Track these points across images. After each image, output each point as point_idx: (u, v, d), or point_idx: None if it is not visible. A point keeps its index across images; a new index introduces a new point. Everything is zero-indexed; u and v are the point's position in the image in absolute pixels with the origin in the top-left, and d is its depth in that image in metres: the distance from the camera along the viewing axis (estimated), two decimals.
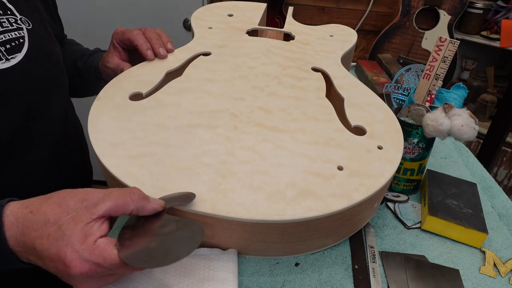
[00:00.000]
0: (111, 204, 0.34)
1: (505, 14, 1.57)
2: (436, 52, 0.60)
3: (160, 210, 0.37)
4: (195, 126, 0.50)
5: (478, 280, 0.48)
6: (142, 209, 0.36)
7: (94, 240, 0.32)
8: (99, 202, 0.34)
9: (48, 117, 0.56)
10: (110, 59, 0.64)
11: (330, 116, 0.54)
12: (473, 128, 0.55)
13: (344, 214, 0.43)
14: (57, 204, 0.34)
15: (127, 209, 0.35)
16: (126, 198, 0.35)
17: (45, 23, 0.59)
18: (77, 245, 0.32)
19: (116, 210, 0.34)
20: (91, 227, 0.33)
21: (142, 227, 0.36)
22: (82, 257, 0.32)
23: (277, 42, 0.72)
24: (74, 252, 0.31)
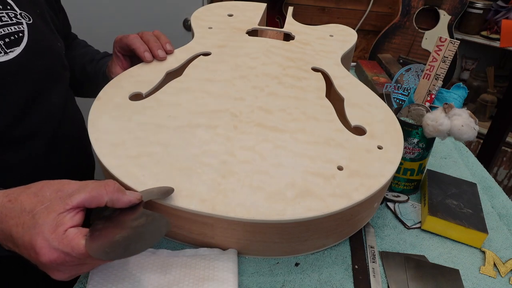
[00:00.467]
0: (85, 195, 0.35)
1: (505, 14, 1.57)
2: (436, 52, 0.60)
3: (136, 203, 0.38)
4: (195, 126, 0.50)
5: (478, 280, 0.48)
6: (117, 201, 0.36)
7: (64, 230, 0.33)
8: (74, 193, 0.35)
9: (45, 110, 0.56)
10: (114, 69, 0.65)
11: (330, 116, 0.54)
12: (473, 128, 0.55)
13: (344, 214, 0.43)
14: (34, 194, 0.35)
15: (101, 201, 0.36)
16: (100, 190, 0.35)
17: (46, 18, 0.60)
18: (47, 233, 0.33)
19: (90, 202, 0.35)
20: (63, 217, 0.34)
21: (115, 219, 0.36)
22: (51, 245, 0.33)
23: (277, 42, 0.72)
24: (44, 240, 0.33)
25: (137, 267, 0.41)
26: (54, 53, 0.59)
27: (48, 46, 0.58)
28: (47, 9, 0.62)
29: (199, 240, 0.44)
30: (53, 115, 0.58)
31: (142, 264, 0.42)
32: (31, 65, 0.53)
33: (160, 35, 0.65)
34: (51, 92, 0.58)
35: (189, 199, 0.41)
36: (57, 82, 0.60)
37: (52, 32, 0.61)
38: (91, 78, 0.72)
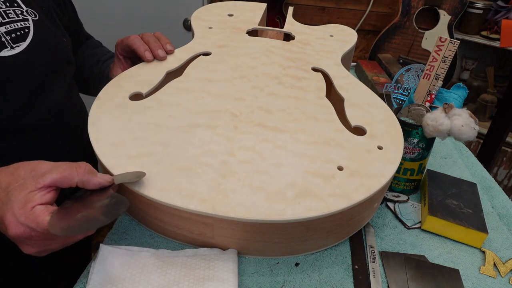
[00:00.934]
0: (57, 175, 0.37)
1: (505, 14, 1.57)
2: (436, 52, 0.60)
3: (106, 185, 0.39)
4: (195, 126, 0.50)
5: (478, 280, 0.48)
6: (87, 183, 0.38)
7: (32, 206, 0.35)
8: (46, 172, 0.37)
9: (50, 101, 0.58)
10: (115, 72, 0.66)
11: (330, 116, 0.54)
12: (473, 128, 0.55)
13: (344, 214, 0.43)
14: (10, 172, 0.37)
15: (72, 182, 0.37)
16: (71, 171, 0.37)
17: (52, 14, 0.61)
18: (16, 209, 0.35)
19: (61, 182, 0.37)
20: (33, 195, 0.36)
21: (84, 200, 0.38)
22: (18, 220, 0.35)
23: (277, 42, 0.72)
24: (12, 215, 0.35)
25: (137, 267, 0.41)
26: (59, 48, 0.60)
27: (52, 42, 0.59)
28: (53, 6, 0.63)
29: (199, 240, 0.45)
30: (57, 105, 0.60)
31: (142, 264, 0.42)
32: (36, 60, 0.55)
33: (160, 36, 0.66)
34: (55, 84, 0.59)
35: (189, 199, 0.41)
36: (61, 75, 0.61)
37: (57, 28, 0.62)
38: (96, 79, 0.73)
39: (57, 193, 0.38)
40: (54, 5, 0.64)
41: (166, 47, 0.64)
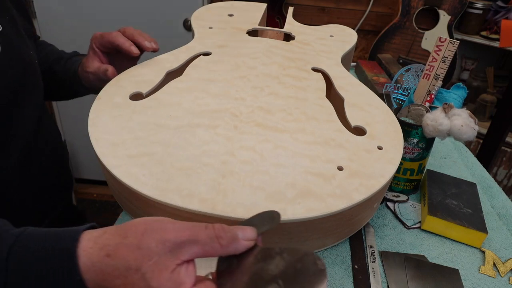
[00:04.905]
0: (198, 250, 0.30)
1: (504, 14, 1.57)
2: (436, 52, 0.60)
3: (253, 245, 0.32)
4: (195, 126, 0.50)
5: (478, 280, 0.48)
6: (234, 252, 0.31)
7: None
8: (184, 245, 0.30)
9: (19, 122, 0.54)
10: (90, 63, 0.62)
11: (330, 117, 0.54)
12: (473, 128, 0.55)
13: (344, 214, 0.43)
14: (136, 246, 0.29)
15: (214, 255, 0.31)
16: (214, 245, 0.30)
17: (16, 24, 0.57)
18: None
19: (202, 256, 0.30)
20: (178, 274, 0.29)
21: (240, 270, 0.31)
22: None
23: (277, 42, 0.72)
24: None
25: None
26: (27, 62, 0.56)
27: (20, 55, 0.55)
28: (17, 15, 0.59)
29: None
30: (28, 126, 0.56)
31: None
32: (4, 75, 0.50)
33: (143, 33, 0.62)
34: (25, 103, 0.55)
35: (189, 199, 0.41)
36: (31, 91, 0.57)
37: (23, 40, 0.57)
38: (58, 78, 0.69)
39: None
40: (18, 13, 0.60)
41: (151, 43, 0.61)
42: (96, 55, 0.63)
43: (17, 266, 0.30)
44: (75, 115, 1.70)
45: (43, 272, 0.30)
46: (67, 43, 1.10)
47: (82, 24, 1.54)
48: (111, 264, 0.29)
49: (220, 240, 0.30)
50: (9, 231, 0.32)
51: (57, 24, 1.54)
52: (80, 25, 1.54)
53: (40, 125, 0.60)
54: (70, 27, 1.54)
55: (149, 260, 0.29)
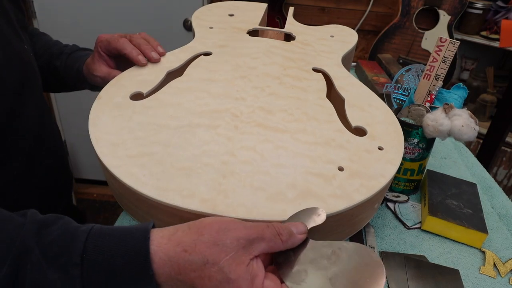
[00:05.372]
0: (266, 246, 0.34)
1: (504, 14, 1.57)
2: (436, 52, 0.60)
3: (305, 237, 0.36)
4: (195, 126, 0.50)
5: (478, 280, 0.48)
6: (291, 246, 0.35)
7: (261, 282, 0.32)
8: (254, 242, 0.33)
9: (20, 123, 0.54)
10: (98, 67, 0.62)
11: (330, 117, 0.54)
12: (473, 128, 0.55)
13: (344, 214, 0.43)
14: (212, 242, 0.32)
15: (277, 250, 0.35)
16: (277, 241, 0.34)
17: (10, 17, 0.55)
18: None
19: (267, 251, 0.34)
20: (252, 267, 0.32)
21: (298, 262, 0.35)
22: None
23: (278, 42, 0.72)
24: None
25: None
26: (24, 59, 0.55)
27: (16, 52, 0.53)
28: (10, 7, 0.57)
29: None
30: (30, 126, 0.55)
31: None
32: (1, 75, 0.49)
33: (149, 38, 0.63)
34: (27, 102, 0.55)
35: (189, 199, 0.41)
36: (31, 89, 0.56)
37: (17, 35, 0.56)
38: (59, 73, 0.68)
39: None
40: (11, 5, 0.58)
41: (158, 49, 0.62)
42: (102, 59, 0.63)
43: (92, 261, 0.32)
44: (75, 115, 1.70)
45: (117, 268, 0.32)
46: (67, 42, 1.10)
47: (82, 24, 1.54)
48: (189, 259, 0.32)
49: (281, 236, 0.34)
50: (80, 227, 0.34)
51: (57, 24, 1.54)
52: (80, 25, 1.54)
53: (43, 124, 0.60)
54: (70, 27, 1.54)
55: (226, 255, 0.32)
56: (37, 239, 0.32)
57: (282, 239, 0.34)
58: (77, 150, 1.83)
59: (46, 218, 0.35)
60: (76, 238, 0.33)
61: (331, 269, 0.34)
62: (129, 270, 0.32)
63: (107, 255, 0.32)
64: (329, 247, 0.36)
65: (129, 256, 0.32)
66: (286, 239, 0.35)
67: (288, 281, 0.34)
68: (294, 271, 0.34)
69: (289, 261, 0.35)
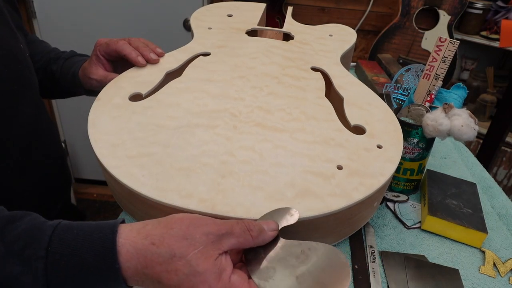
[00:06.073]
0: (235, 241, 0.34)
1: (504, 14, 1.57)
2: (436, 52, 0.60)
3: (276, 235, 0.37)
4: (194, 126, 0.50)
5: (478, 280, 0.48)
6: (262, 243, 0.36)
7: (228, 277, 0.33)
8: (223, 237, 0.34)
9: (16, 121, 0.54)
10: (95, 70, 0.63)
11: (329, 116, 0.54)
12: (473, 128, 0.55)
13: (343, 213, 0.43)
14: (181, 236, 0.33)
15: (247, 246, 0.35)
16: (247, 236, 0.35)
17: (5, 16, 0.56)
18: (213, 282, 0.32)
19: (237, 247, 0.35)
20: (220, 262, 0.33)
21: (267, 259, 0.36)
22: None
23: (277, 42, 0.72)
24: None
25: None
26: (20, 58, 0.55)
27: (12, 51, 0.54)
28: (5, 6, 0.57)
29: None
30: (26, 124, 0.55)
31: None
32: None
33: (147, 41, 0.64)
34: (22, 100, 0.55)
35: (188, 199, 0.41)
36: (26, 88, 0.56)
37: (12, 33, 0.56)
38: (56, 78, 0.68)
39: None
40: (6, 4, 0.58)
41: (156, 50, 0.62)
42: (100, 62, 0.63)
43: (57, 255, 0.32)
44: (75, 115, 1.70)
45: (83, 262, 0.32)
46: (67, 43, 1.10)
47: (82, 24, 1.54)
48: (156, 252, 0.32)
49: (251, 232, 0.35)
50: (46, 222, 0.34)
51: (57, 24, 1.54)
52: (80, 25, 1.54)
53: (38, 122, 0.60)
54: (70, 27, 1.54)
55: (195, 249, 0.32)
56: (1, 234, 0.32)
57: (252, 235, 0.35)
58: (77, 150, 1.83)
59: (13, 214, 0.35)
60: (42, 232, 0.33)
61: (299, 268, 0.35)
62: (95, 263, 0.32)
63: (73, 248, 0.32)
64: (299, 246, 0.36)
65: (95, 249, 0.32)
66: (256, 235, 0.35)
67: (255, 277, 0.34)
68: (262, 268, 0.35)
69: (259, 258, 0.36)
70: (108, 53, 0.62)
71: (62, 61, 0.69)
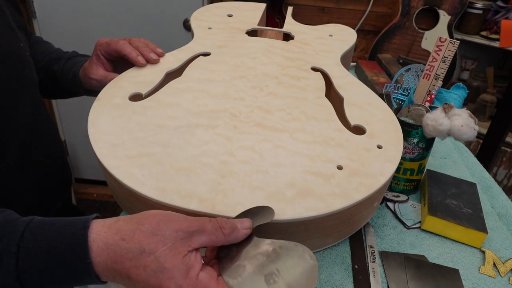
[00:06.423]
0: (205, 238, 0.34)
1: (504, 14, 1.57)
2: (436, 52, 0.60)
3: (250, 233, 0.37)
4: (194, 126, 0.50)
5: (478, 280, 0.48)
6: (234, 240, 0.36)
7: (196, 274, 0.32)
8: (194, 234, 0.34)
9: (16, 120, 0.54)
10: (95, 70, 0.63)
11: (329, 116, 0.54)
12: (473, 128, 0.55)
13: (343, 213, 0.43)
14: (151, 232, 0.33)
15: (219, 244, 0.35)
16: (218, 234, 0.35)
17: (6, 16, 0.56)
18: (180, 279, 0.32)
19: (208, 244, 0.35)
20: (189, 259, 0.33)
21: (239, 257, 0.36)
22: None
23: (277, 42, 0.72)
24: (178, 287, 0.31)
25: None
26: (18, 56, 0.55)
27: (10, 49, 0.54)
28: (6, 5, 0.58)
29: None
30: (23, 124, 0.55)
31: None
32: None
33: (148, 42, 0.64)
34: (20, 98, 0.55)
35: (188, 199, 0.41)
36: (25, 86, 0.56)
37: (12, 31, 0.56)
38: (57, 78, 0.69)
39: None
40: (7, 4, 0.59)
41: (157, 50, 0.62)
42: (100, 62, 0.64)
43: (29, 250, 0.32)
44: (75, 115, 1.70)
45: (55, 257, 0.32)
46: (67, 43, 1.10)
47: (82, 24, 1.54)
48: (126, 247, 0.32)
49: (223, 230, 0.35)
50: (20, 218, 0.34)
51: (57, 24, 1.54)
52: (80, 25, 1.54)
53: (37, 121, 0.60)
54: (70, 27, 1.54)
55: (164, 245, 0.32)
56: None
57: (224, 232, 0.35)
58: (77, 150, 1.83)
59: None
60: (15, 228, 0.33)
61: (268, 266, 0.35)
62: (66, 259, 0.32)
63: (45, 244, 0.32)
64: (271, 245, 0.36)
65: (67, 244, 0.32)
66: (228, 233, 0.35)
67: (225, 275, 0.34)
68: (233, 266, 0.35)
69: (231, 256, 0.36)
70: (109, 53, 0.63)
71: (63, 61, 0.69)
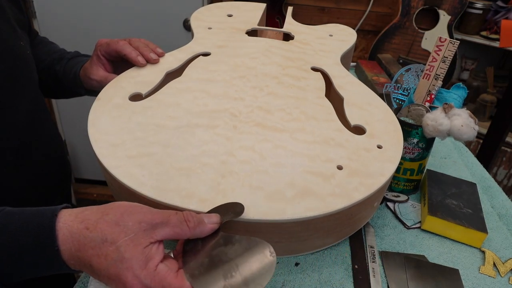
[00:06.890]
0: (169, 231, 0.34)
1: (504, 14, 1.57)
2: (436, 52, 0.60)
3: (217, 228, 0.37)
4: (194, 126, 0.50)
5: (478, 280, 0.48)
6: (200, 234, 0.36)
7: (155, 265, 0.33)
8: (157, 226, 0.34)
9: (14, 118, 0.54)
10: (95, 71, 0.63)
11: (329, 116, 0.54)
12: (473, 128, 0.55)
13: (343, 213, 0.43)
14: (114, 222, 0.33)
15: (184, 237, 0.35)
16: (183, 227, 0.35)
17: (6, 14, 0.56)
18: (138, 269, 0.32)
19: (172, 237, 0.35)
20: (149, 250, 0.33)
21: (203, 251, 0.36)
22: (143, 283, 0.32)
23: (277, 42, 0.72)
24: (135, 277, 0.32)
25: None
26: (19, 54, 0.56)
27: (11, 47, 0.54)
28: (8, 5, 0.58)
29: None
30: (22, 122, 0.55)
31: None
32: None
33: (147, 42, 0.64)
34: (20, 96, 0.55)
35: (188, 199, 0.41)
36: (25, 86, 0.57)
37: (13, 30, 0.57)
38: (59, 78, 0.69)
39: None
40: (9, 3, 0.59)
41: (157, 50, 0.63)
42: (101, 63, 0.64)
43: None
44: (75, 115, 1.70)
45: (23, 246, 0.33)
46: (67, 43, 1.10)
47: (82, 24, 1.54)
48: (89, 236, 0.33)
49: (188, 223, 0.35)
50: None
51: (57, 24, 1.54)
52: (80, 25, 1.54)
53: (36, 119, 0.60)
54: (70, 27, 1.55)
55: (126, 235, 0.33)
56: None
57: (189, 225, 0.35)
58: (77, 150, 1.83)
59: None
60: None
61: (229, 262, 0.35)
62: (35, 247, 0.33)
63: (13, 233, 0.33)
64: (237, 240, 0.37)
65: (35, 233, 0.33)
66: (193, 226, 0.35)
67: (185, 268, 0.34)
68: (195, 260, 0.35)
69: (195, 250, 0.36)
70: (109, 53, 0.63)
71: (65, 62, 0.69)
